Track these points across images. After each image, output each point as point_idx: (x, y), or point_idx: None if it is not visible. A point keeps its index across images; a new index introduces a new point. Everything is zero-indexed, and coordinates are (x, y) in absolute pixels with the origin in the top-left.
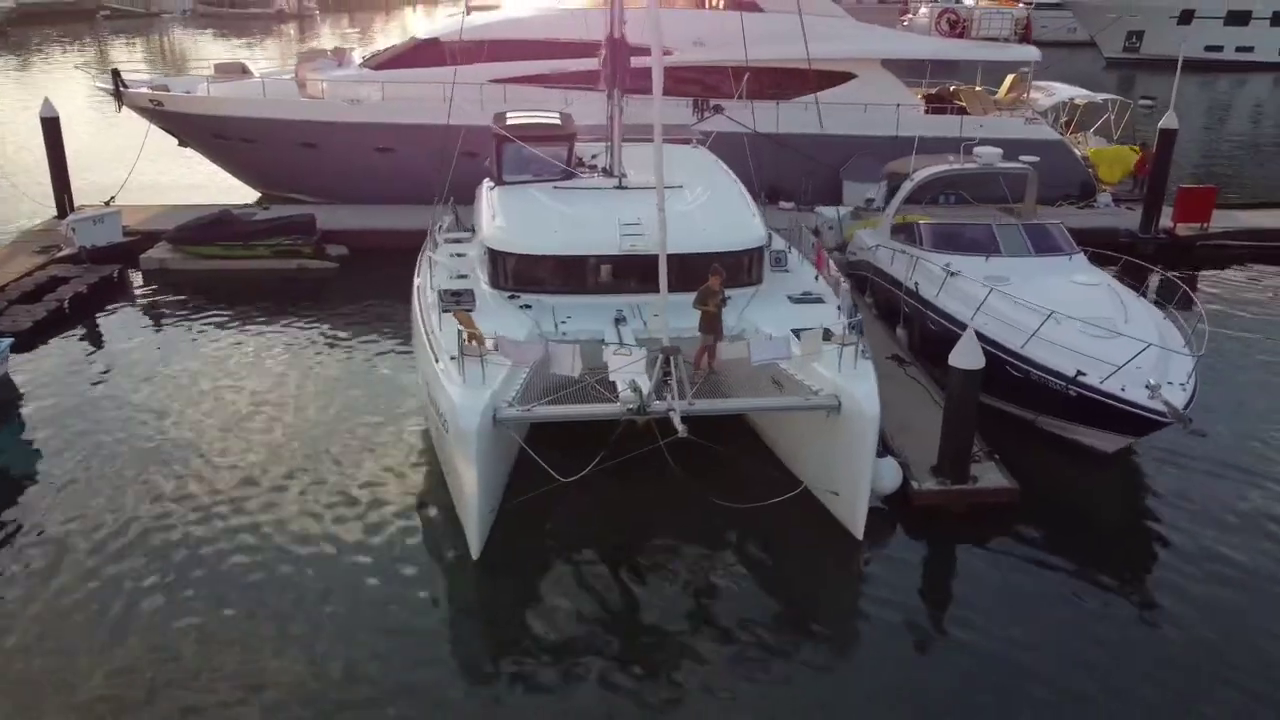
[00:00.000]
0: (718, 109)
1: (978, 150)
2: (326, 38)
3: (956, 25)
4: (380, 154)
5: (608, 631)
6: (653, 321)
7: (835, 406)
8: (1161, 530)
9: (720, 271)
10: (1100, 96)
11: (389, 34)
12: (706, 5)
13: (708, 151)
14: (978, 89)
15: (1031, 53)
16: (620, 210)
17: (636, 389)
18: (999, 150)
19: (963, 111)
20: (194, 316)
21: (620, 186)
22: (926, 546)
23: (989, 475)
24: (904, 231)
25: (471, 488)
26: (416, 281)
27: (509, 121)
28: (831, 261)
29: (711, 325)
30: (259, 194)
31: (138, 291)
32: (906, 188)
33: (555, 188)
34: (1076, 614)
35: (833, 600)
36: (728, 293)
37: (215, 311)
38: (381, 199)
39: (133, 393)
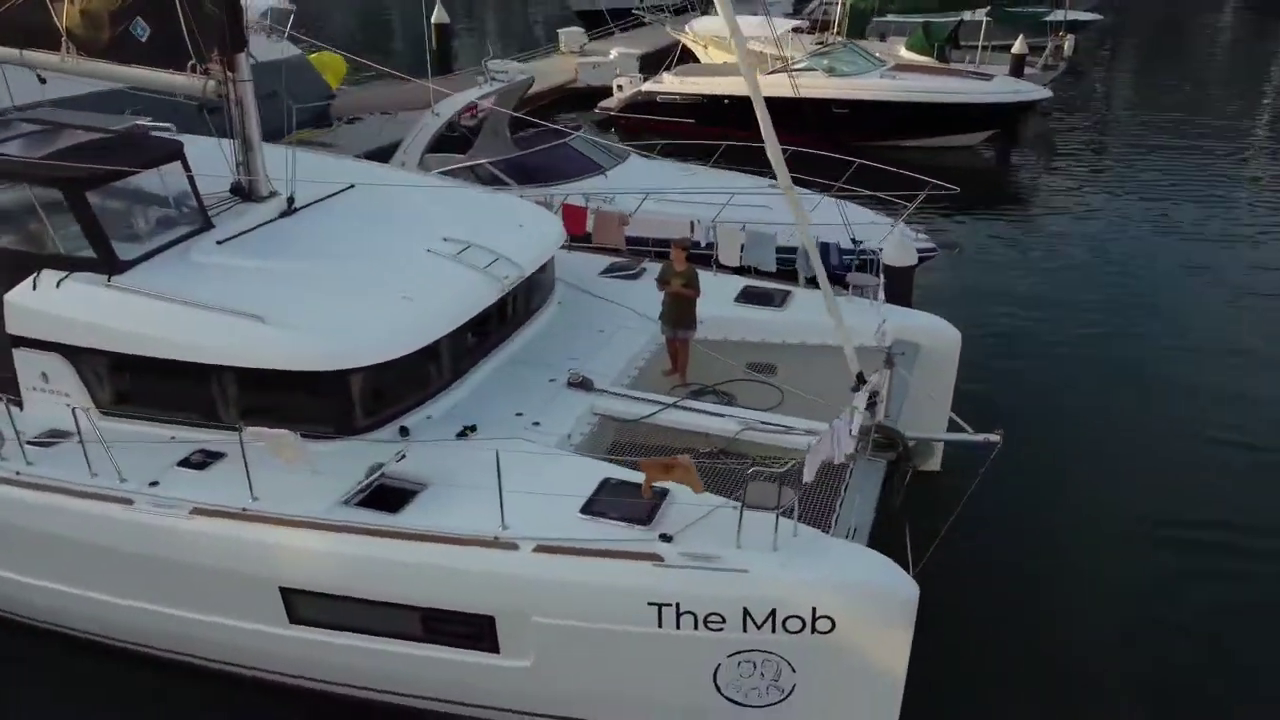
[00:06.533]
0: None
1: (498, 66)
2: None
3: None
4: None
5: None
6: (601, 366)
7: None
8: None
9: (685, 245)
10: None
11: None
12: None
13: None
14: None
15: None
16: (396, 239)
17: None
18: (521, 65)
19: None
20: None
21: (292, 209)
22: None
23: None
24: (460, 177)
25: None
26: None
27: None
28: None
29: (684, 314)
30: None
31: None
32: (434, 125)
33: (220, 243)
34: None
35: None
36: None
37: None
38: None
39: None
